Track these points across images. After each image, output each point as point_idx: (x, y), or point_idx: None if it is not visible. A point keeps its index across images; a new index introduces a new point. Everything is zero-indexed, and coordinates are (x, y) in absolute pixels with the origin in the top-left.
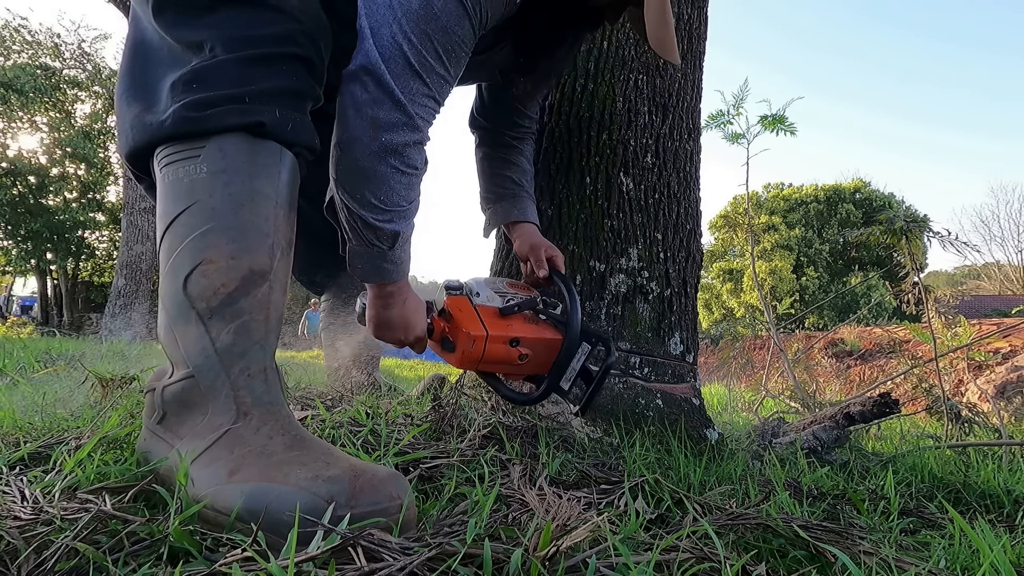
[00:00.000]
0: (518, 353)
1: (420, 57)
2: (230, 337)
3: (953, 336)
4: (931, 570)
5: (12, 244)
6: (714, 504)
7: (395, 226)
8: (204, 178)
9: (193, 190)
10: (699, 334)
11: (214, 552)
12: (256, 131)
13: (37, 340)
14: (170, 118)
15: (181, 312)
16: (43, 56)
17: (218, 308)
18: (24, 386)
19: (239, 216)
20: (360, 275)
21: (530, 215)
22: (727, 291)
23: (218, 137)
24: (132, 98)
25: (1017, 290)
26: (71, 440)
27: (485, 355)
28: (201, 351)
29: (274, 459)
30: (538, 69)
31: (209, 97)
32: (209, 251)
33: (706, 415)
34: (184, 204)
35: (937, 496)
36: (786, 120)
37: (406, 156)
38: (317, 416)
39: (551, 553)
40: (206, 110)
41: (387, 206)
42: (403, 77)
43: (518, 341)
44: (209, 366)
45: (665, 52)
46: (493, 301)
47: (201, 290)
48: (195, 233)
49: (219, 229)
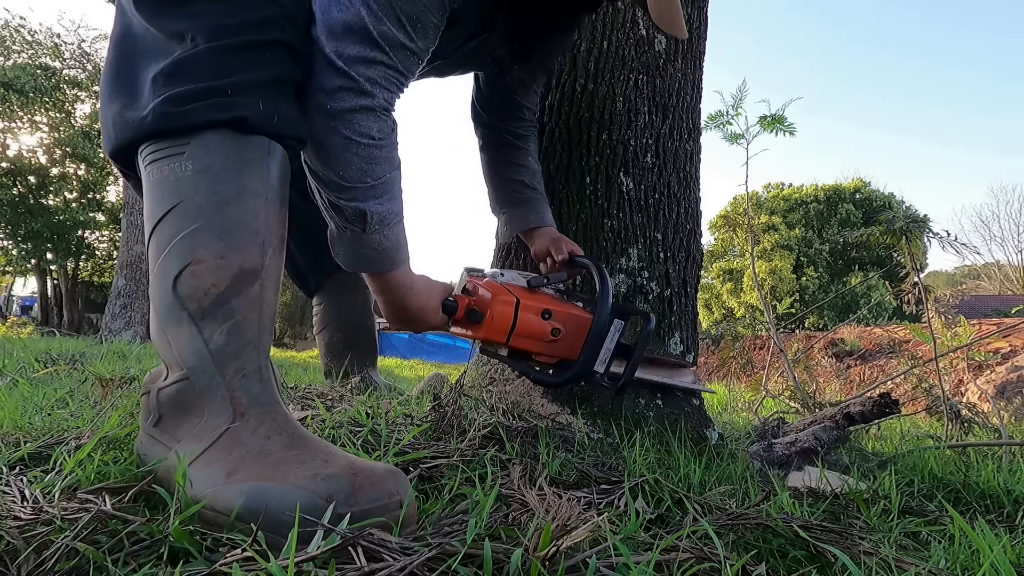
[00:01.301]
0: (551, 327)
1: (381, 26)
2: (223, 338)
3: (953, 336)
4: (931, 570)
5: (12, 244)
6: (714, 504)
7: (360, 204)
8: (190, 176)
9: (179, 189)
10: (699, 334)
11: (214, 552)
12: (240, 126)
13: (37, 340)
14: (151, 114)
15: (172, 313)
16: (43, 56)
17: (210, 309)
18: (24, 386)
19: (227, 214)
20: (343, 263)
21: (547, 219)
22: (727, 291)
23: (202, 134)
24: (114, 93)
25: (1017, 290)
26: (71, 440)
27: (516, 325)
28: (195, 352)
29: (272, 459)
30: (532, 56)
31: (190, 91)
32: (198, 251)
33: (706, 415)
34: (170, 203)
35: (937, 496)
36: (785, 120)
37: (355, 124)
38: (317, 416)
39: (551, 553)
40: (187, 105)
41: (348, 183)
42: (351, 44)
43: (550, 313)
44: (203, 367)
45: (670, 27)
46: (518, 280)
47: (191, 291)
48: (183, 233)
49: (207, 228)
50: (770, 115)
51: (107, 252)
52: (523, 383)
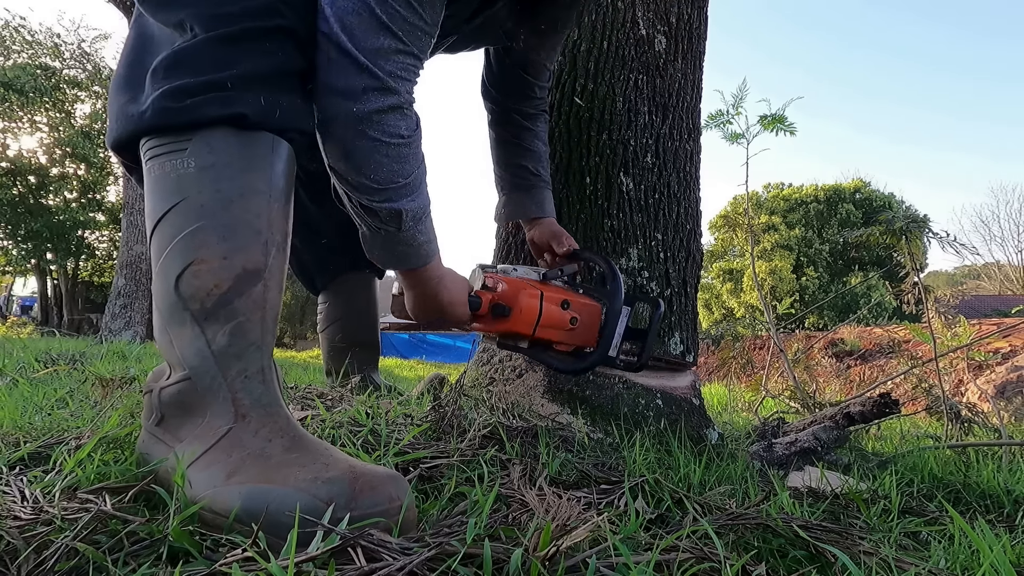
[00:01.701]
0: (570, 316)
1: (385, 6)
2: (226, 339)
3: (953, 336)
4: (931, 570)
5: (12, 244)
6: (714, 504)
7: (395, 205)
8: (192, 173)
9: (181, 186)
10: (699, 334)
11: (214, 552)
12: (240, 123)
13: (37, 340)
14: (150, 108)
15: (175, 313)
16: (43, 56)
17: (212, 309)
18: (24, 386)
19: (230, 213)
20: (379, 262)
21: (548, 209)
22: (727, 291)
23: (205, 130)
24: (121, 87)
25: (1017, 290)
26: (71, 440)
27: (542, 316)
28: (197, 353)
29: (272, 461)
30: (540, 30)
31: (189, 84)
32: (200, 250)
33: (706, 415)
34: (172, 201)
35: (937, 496)
36: (785, 120)
37: (384, 125)
38: (317, 416)
39: (551, 553)
40: (186, 99)
41: (380, 184)
42: (365, 35)
43: (568, 304)
44: (206, 368)
45: None
46: (530, 274)
47: (194, 291)
48: (184, 232)
49: (210, 228)
50: (771, 115)
51: (107, 252)
52: (523, 383)
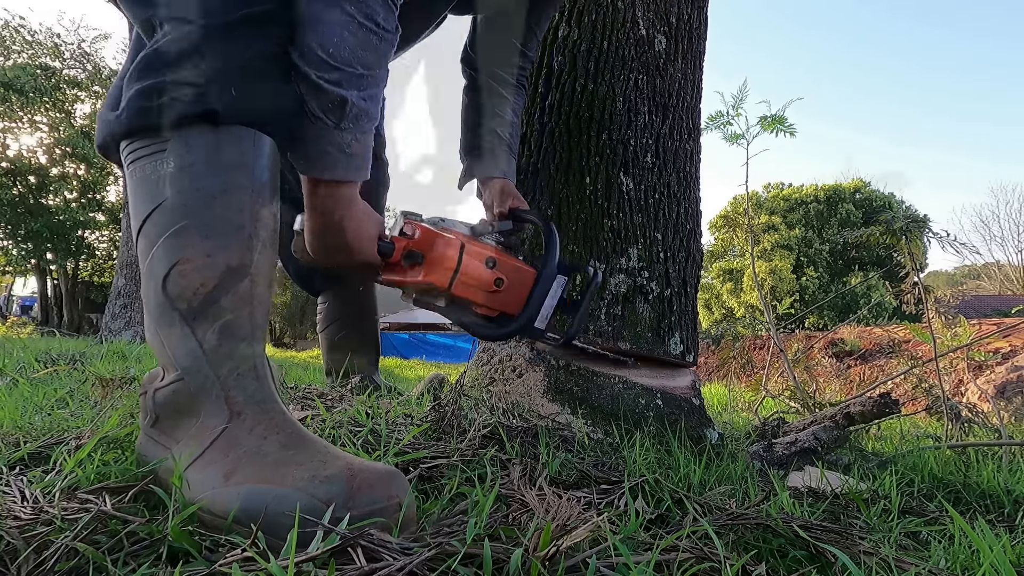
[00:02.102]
0: (494, 277)
1: None
2: (215, 337)
3: (953, 336)
4: (931, 570)
5: (12, 244)
6: (714, 504)
7: (343, 91)
8: (172, 173)
9: (162, 187)
10: (699, 334)
11: (214, 552)
12: (213, 119)
13: (37, 340)
14: (125, 111)
15: (164, 314)
16: (43, 56)
17: (200, 308)
18: (24, 386)
19: (212, 211)
20: (301, 161)
21: (503, 169)
22: (727, 291)
23: (182, 129)
24: (111, 92)
25: (1017, 290)
26: (71, 440)
27: (460, 268)
28: (188, 353)
29: (269, 460)
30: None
31: (158, 84)
32: (184, 250)
33: (706, 415)
34: (154, 202)
35: (937, 496)
36: (785, 120)
37: (363, 3)
38: (317, 416)
39: (551, 553)
40: (157, 99)
41: (335, 62)
42: None
43: (495, 262)
44: (197, 368)
45: None
46: (458, 227)
47: (180, 291)
48: (168, 232)
49: (192, 226)
50: (771, 115)
51: (107, 252)
52: (523, 383)
